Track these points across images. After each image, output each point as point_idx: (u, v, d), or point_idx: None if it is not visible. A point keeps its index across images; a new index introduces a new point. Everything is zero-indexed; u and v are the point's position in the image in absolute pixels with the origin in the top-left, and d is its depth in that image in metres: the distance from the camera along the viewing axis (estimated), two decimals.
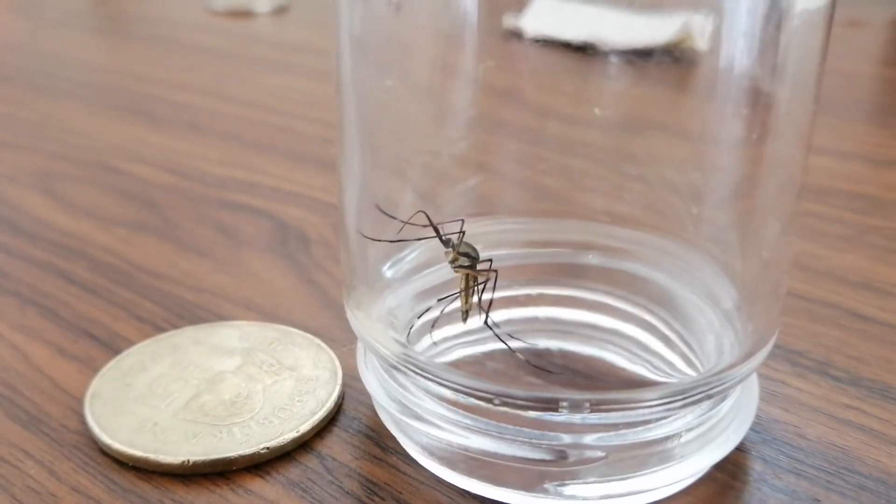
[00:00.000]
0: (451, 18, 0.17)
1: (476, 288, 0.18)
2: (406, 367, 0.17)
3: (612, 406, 0.16)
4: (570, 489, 0.16)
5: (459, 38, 0.17)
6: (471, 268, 0.18)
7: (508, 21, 0.18)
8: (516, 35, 0.18)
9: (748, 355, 0.17)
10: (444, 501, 0.17)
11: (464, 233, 0.18)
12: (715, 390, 0.16)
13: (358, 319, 0.18)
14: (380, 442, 0.19)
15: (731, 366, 0.17)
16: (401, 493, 0.17)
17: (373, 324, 0.18)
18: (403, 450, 0.18)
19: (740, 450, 0.18)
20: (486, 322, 0.18)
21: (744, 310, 0.18)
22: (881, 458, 0.18)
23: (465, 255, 0.18)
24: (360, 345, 0.19)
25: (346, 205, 0.19)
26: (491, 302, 0.18)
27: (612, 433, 0.16)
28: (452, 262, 0.18)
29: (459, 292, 0.18)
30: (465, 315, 0.18)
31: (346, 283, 0.19)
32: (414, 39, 0.18)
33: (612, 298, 0.20)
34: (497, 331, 0.18)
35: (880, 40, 0.56)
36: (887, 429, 0.19)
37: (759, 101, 0.17)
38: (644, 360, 0.19)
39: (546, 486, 0.16)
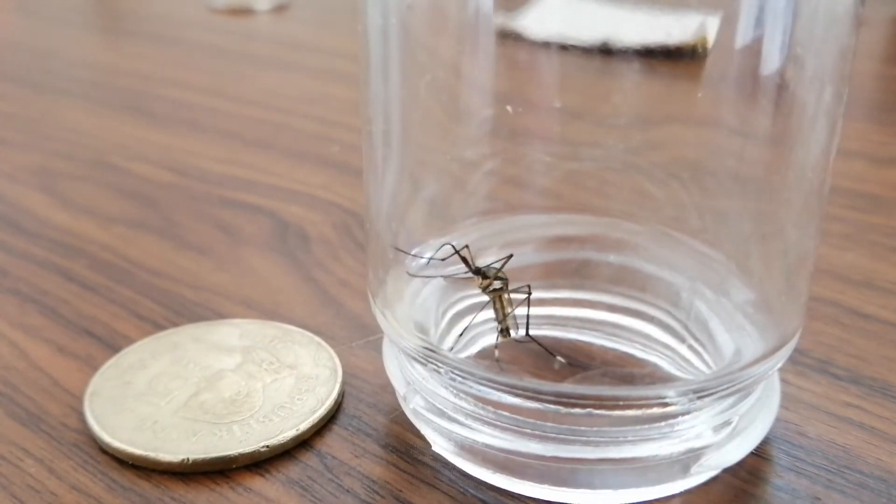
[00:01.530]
0: (465, 19, 0.17)
1: (511, 305, 0.18)
2: (446, 370, 0.17)
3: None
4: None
5: (477, 40, 0.17)
6: (502, 290, 0.18)
7: (518, 22, 0.18)
8: (529, 36, 0.18)
9: (766, 355, 0.17)
10: (444, 500, 0.17)
11: (508, 258, 0.18)
12: (730, 389, 0.16)
13: (386, 318, 0.18)
14: (379, 440, 0.19)
15: (748, 364, 0.17)
16: (401, 490, 0.17)
17: (401, 322, 0.18)
18: (403, 448, 0.18)
19: None
20: (527, 334, 0.19)
21: (761, 309, 0.18)
22: (882, 457, 0.18)
23: (498, 278, 0.18)
24: (386, 341, 0.19)
25: (374, 203, 0.19)
26: (528, 317, 0.19)
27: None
28: (485, 288, 0.18)
29: (501, 316, 0.18)
30: (507, 332, 0.18)
31: (372, 282, 0.19)
32: (437, 40, 0.18)
33: (624, 298, 0.20)
34: (541, 341, 0.19)
35: (881, 38, 0.56)
36: (888, 427, 0.19)
37: (778, 101, 0.17)
38: (664, 358, 0.19)
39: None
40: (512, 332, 0.18)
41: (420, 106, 0.19)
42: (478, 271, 0.18)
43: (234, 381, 0.20)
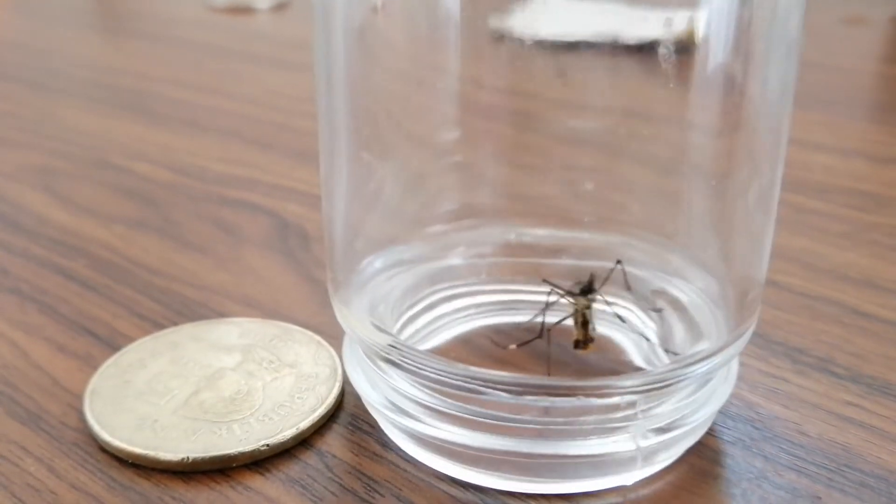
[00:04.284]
0: (436, 18, 0.18)
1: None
2: (396, 357, 0.17)
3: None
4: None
5: (447, 40, 0.18)
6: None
7: (497, 22, 0.18)
8: (507, 36, 0.18)
9: (726, 344, 0.17)
10: (444, 499, 0.17)
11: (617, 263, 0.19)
12: (684, 380, 0.17)
13: (343, 315, 0.18)
14: (380, 439, 0.19)
15: (709, 354, 0.17)
16: (401, 489, 0.17)
17: (361, 318, 0.18)
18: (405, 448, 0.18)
19: (742, 447, 0.18)
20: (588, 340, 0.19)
21: (720, 301, 0.18)
22: (882, 455, 0.18)
23: (593, 289, 0.18)
24: (346, 338, 0.19)
25: (333, 199, 0.19)
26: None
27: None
28: (589, 305, 0.18)
29: (580, 325, 0.19)
30: (583, 343, 0.19)
31: (332, 277, 0.19)
32: (403, 39, 0.18)
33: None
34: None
35: (881, 37, 0.56)
36: (888, 426, 0.19)
37: (737, 93, 0.17)
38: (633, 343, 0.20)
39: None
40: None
41: (378, 108, 0.19)
42: (584, 291, 0.18)
43: (234, 380, 0.20)
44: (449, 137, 0.20)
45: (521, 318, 0.21)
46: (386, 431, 0.19)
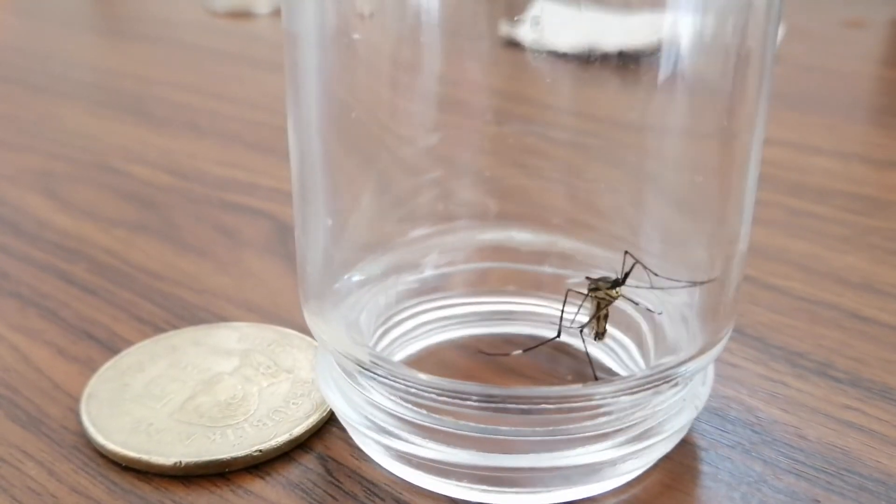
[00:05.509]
0: (414, 23, 0.18)
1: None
2: (371, 372, 0.17)
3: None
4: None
5: (426, 43, 0.18)
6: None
7: (505, 29, 0.18)
8: (513, 44, 0.18)
9: (702, 350, 0.17)
10: (445, 502, 0.17)
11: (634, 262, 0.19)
12: (665, 383, 0.17)
13: (318, 326, 0.18)
14: None
15: (687, 359, 0.17)
16: (401, 493, 0.17)
17: (336, 331, 0.18)
18: None
19: (741, 450, 0.18)
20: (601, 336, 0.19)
21: (695, 307, 0.18)
22: (881, 460, 0.18)
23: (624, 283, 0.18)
24: (319, 349, 0.19)
25: (309, 212, 0.18)
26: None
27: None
28: (617, 297, 0.18)
29: (597, 318, 0.19)
30: (603, 335, 0.19)
31: (305, 290, 0.19)
32: (381, 46, 0.18)
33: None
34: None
35: (881, 40, 0.56)
36: (887, 430, 0.19)
37: (717, 97, 0.17)
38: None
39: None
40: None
41: (359, 113, 0.19)
42: (615, 284, 0.18)
43: (231, 385, 0.20)
44: (429, 143, 0.20)
45: (510, 329, 0.21)
46: (363, 448, 0.18)
